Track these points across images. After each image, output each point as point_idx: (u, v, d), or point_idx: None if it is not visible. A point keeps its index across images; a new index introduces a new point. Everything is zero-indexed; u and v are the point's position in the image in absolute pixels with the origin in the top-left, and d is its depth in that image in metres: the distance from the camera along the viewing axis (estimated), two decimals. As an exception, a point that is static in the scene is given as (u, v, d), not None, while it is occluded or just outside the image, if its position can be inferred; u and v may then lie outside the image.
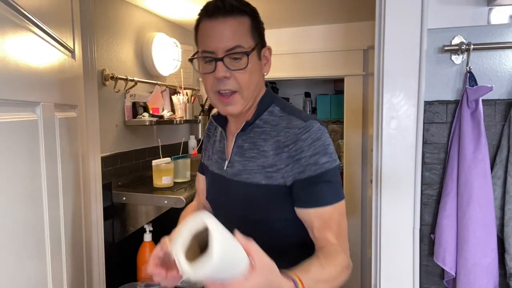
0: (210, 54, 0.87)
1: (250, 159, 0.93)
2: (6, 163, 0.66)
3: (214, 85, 0.89)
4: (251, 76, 0.89)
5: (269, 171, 0.90)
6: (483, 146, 1.19)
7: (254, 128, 0.95)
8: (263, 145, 0.92)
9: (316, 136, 0.87)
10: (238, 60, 0.87)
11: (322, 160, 0.86)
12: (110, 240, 1.84)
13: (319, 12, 2.32)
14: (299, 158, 0.87)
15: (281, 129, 0.91)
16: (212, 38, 0.86)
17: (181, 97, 2.40)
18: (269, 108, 0.96)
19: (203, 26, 0.89)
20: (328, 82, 3.92)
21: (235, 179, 0.95)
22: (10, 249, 0.68)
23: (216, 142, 1.07)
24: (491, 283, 1.19)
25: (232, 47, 0.86)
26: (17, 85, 0.71)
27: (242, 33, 0.87)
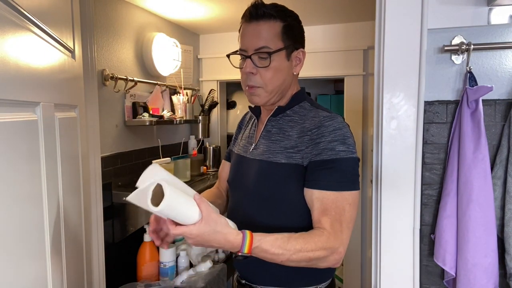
0: (243, 52, 1.02)
1: (275, 142, 1.04)
2: (6, 163, 0.66)
3: (244, 79, 1.04)
4: (275, 73, 1.01)
5: (290, 152, 0.99)
6: (483, 146, 1.19)
7: (284, 116, 1.07)
8: (289, 131, 1.03)
9: (338, 126, 0.95)
10: (264, 59, 0.99)
11: (339, 147, 0.93)
12: (110, 240, 1.84)
13: (319, 12, 2.32)
14: (319, 141, 0.94)
15: (308, 118, 1.01)
16: (245, 38, 1.01)
17: (181, 97, 2.41)
18: (300, 103, 1.08)
19: (242, 28, 1.04)
20: (328, 82, 3.92)
21: (258, 159, 1.06)
22: (10, 249, 0.68)
23: (247, 130, 1.20)
24: (491, 283, 1.19)
25: (259, 47, 0.99)
26: (17, 85, 0.71)
27: (270, 35, 0.99)
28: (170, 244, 1.01)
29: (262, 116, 1.15)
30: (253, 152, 1.09)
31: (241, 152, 1.16)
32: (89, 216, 1.41)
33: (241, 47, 1.02)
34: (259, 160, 1.04)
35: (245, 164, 1.10)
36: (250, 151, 1.11)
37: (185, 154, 2.30)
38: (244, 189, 1.09)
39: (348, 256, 2.67)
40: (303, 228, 0.94)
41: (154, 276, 1.90)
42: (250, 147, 1.12)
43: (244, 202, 1.09)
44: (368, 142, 2.62)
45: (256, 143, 1.10)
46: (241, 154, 1.15)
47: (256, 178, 1.04)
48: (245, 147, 1.15)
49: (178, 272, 1.97)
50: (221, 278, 2.02)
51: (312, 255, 0.87)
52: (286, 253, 0.86)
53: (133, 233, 1.99)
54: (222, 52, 3.01)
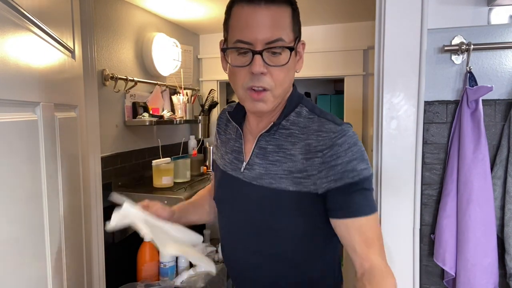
0: (247, 45, 0.77)
1: (275, 163, 0.84)
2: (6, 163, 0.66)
3: (246, 80, 0.80)
4: (287, 73, 0.82)
5: (297, 177, 0.82)
6: (483, 146, 1.19)
7: (279, 129, 0.86)
8: (290, 149, 0.84)
9: (353, 141, 0.80)
10: (277, 54, 0.78)
11: (360, 166, 0.78)
12: (110, 240, 1.84)
13: (319, 12, 2.32)
14: (335, 164, 0.78)
15: (311, 132, 0.82)
16: (251, 27, 0.76)
17: (181, 97, 2.41)
18: (296, 108, 0.88)
19: (239, 11, 0.78)
20: (328, 82, 3.93)
21: (255, 183, 0.86)
22: (10, 249, 0.68)
23: (231, 141, 0.97)
24: (491, 283, 1.19)
25: (273, 39, 0.76)
26: (17, 85, 0.71)
27: (284, 24, 0.78)
28: None
29: (248, 125, 0.93)
30: (246, 173, 0.88)
31: (228, 169, 0.94)
32: (89, 216, 1.41)
33: (243, 39, 0.77)
34: (259, 186, 0.85)
35: (239, 187, 0.90)
36: (241, 171, 0.90)
37: (185, 154, 2.30)
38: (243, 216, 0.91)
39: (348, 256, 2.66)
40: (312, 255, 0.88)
41: (154, 276, 1.90)
42: (240, 165, 0.91)
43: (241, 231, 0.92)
44: (368, 142, 2.62)
45: (248, 161, 0.89)
46: (230, 173, 0.93)
47: (257, 208, 0.87)
48: (233, 164, 0.93)
49: (178, 272, 1.97)
50: (221, 278, 2.02)
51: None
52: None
53: (133, 233, 1.99)
54: (222, 52, 3.02)
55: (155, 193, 1.88)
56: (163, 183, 1.98)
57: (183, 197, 1.79)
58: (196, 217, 1.13)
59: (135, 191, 1.91)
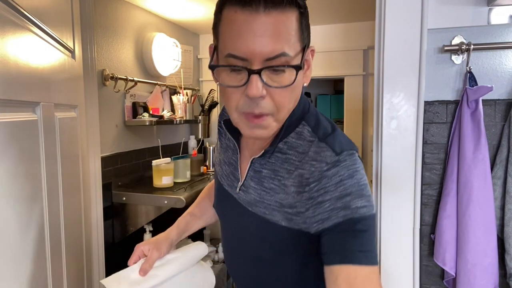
0: (241, 62, 0.61)
1: (269, 191, 0.73)
2: (6, 163, 0.66)
3: (242, 104, 0.64)
4: (292, 93, 0.65)
5: (288, 212, 0.70)
6: (483, 146, 1.19)
7: (276, 152, 0.73)
8: (285, 178, 0.71)
9: (348, 173, 0.65)
10: (280, 73, 0.62)
11: (355, 203, 0.63)
12: (110, 240, 1.84)
13: (319, 12, 2.32)
14: (322, 200, 0.65)
15: (307, 160, 0.69)
16: (246, 39, 0.59)
17: (181, 97, 2.41)
18: (297, 127, 0.73)
19: (231, 16, 0.61)
20: (328, 82, 3.93)
21: (250, 209, 0.77)
22: (10, 249, 0.68)
23: (229, 150, 0.86)
24: (491, 283, 1.19)
25: (275, 55, 0.60)
26: (17, 85, 0.71)
27: (289, 34, 0.61)
28: None
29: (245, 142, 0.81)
30: (241, 195, 0.79)
31: (225, 183, 0.85)
32: (89, 216, 1.41)
33: (235, 53, 0.61)
34: (253, 213, 0.76)
35: (233, 206, 0.82)
36: (237, 191, 0.80)
37: (185, 154, 2.30)
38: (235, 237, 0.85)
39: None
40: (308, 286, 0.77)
41: (154, 276, 1.90)
42: (236, 183, 0.81)
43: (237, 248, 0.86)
44: (368, 142, 2.63)
45: (243, 182, 0.78)
46: (226, 188, 0.85)
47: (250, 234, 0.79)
48: (229, 179, 0.84)
49: (178, 272, 1.96)
50: (221, 278, 2.02)
51: None
52: None
53: (133, 233, 1.99)
54: (222, 52, 3.02)
55: (155, 193, 1.88)
56: (163, 183, 1.98)
57: (183, 197, 1.79)
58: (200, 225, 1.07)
59: (135, 191, 1.91)
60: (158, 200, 1.85)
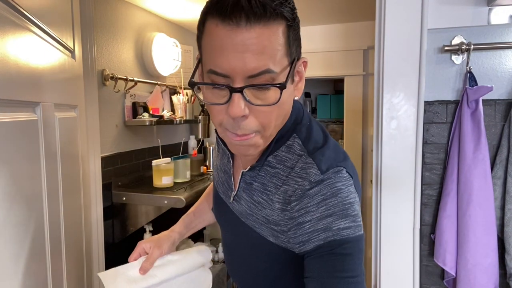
0: (223, 79, 0.57)
1: (257, 205, 0.72)
2: (6, 163, 0.66)
3: (225, 122, 0.61)
4: (279, 109, 0.61)
5: (274, 229, 0.69)
6: (483, 146, 1.19)
7: (265, 165, 0.71)
8: (273, 193, 0.69)
9: (331, 192, 0.61)
10: (265, 90, 0.57)
11: (337, 224, 0.60)
12: (110, 240, 1.84)
13: (319, 12, 2.32)
14: (303, 221, 0.62)
15: (292, 176, 0.67)
16: (227, 55, 0.55)
17: (181, 97, 2.41)
18: (288, 140, 0.70)
19: (213, 29, 0.56)
20: (328, 82, 3.93)
21: (242, 219, 0.77)
22: (10, 249, 0.68)
23: (225, 157, 0.84)
24: (491, 283, 1.19)
25: (258, 72, 0.55)
26: (17, 85, 0.71)
27: (274, 49, 0.56)
28: None
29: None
30: (235, 205, 0.79)
31: (220, 191, 0.86)
32: (89, 216, 1.41)
33: (217, 70, 0.57)
34: (245, 225, 0.76)
35: (228, 214, 0.82)
36: (231, 201, 0.80)
37: (185, 154, 2.30)
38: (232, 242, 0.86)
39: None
40: None
41: (154, 276, 1.90)
42: (230, 192, 0.81)
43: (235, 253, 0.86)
44: (368, 142, 2.63)
45: (236, 193, 0.78)
46: (221, 196, 0.85)
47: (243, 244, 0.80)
48: (224, 187, 0.84)
49: (178, 272, 1.96)
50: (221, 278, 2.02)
51: None
52: None
53: (133, 233, 1.99)
54: (222, 52, 3.01)
55: (155, 193, 1.88)
56: (163, 183, 1.98)
57: (183, 197, 1.79)
58: (203, 224, 1.07)
59: (135, 191, 1.91)
60: (158, 200, 1.85)
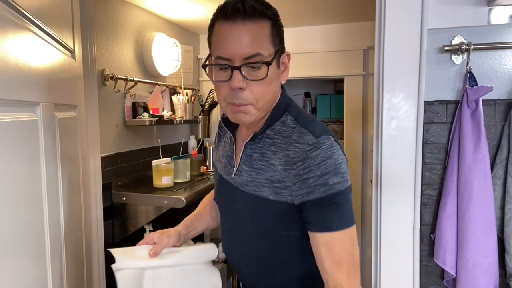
0: (226, 61, 0.80)
1: (258, 171, 0.88)
2: (6, 163, 0.66)
3: (228, 95, 0.82)
4: (268, 86, 0.83)
5: (277, 187, 0.84)
6: (483, 146, 1.19)
7: (264, 138, 0.89)
8: (271, 158, 0.86)
9: (327, 154, 0.79)
10: (257, 69, 0.80)
11: (332, 180, 0.79)
12: (110, 240, 1.83)
13: (319, 12, 2.32)
14: (307, 178, 0.80)
15: (291, 142, 0.84)
16: (229, 44, 0.79)
17: (181, 97, 2.40)
18: (282, 117, 0.89)
19: (219, 28, 0.81)
20: (328, 82, 3.93)
21: (242, 189, 0.91)
22: (10, 249, 0.68)
23: (226, 145, 1.02)
24: (491, 283, 1.19)
25: (251, 54, 0.78)
26: (17, 85, 0.71)
27: (262, 39, 0.80)
28: None
29: (240, 131, 0.98)
30: (236, 179, 0.93)
31: (223, 173, 1.00)
32: (89, 216, 1.41)
33: (222, 55, 0.80)
34: (245, 193, 0.90)
35: (230, 190, 0.95)
36: (232, 176, 0.95)
37: (185, 154, 2.29)
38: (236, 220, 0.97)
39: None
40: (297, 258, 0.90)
41: (154, 276, 1.90)
42: (232, 170, 0.96)
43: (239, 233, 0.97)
44: (368, 142, 2.63)
45: (238, 167, 0.93)
46: (224, 177, 0.99)
47: (247, 215, 0.92)
48: (227, 168, 0.99)
49: (178, 272, 1.96)
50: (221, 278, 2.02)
51: None
52: None
53: (133, 233, 1.99)
54: (222, 52, 3.00)
55: (155, 193, 1.88)
56: (163, 183, 1.98)
57: (183, 197, 1.79)
58: (204, 226, 1.15)
59: (135, 191, 1.91)
60: (158, 200, 1.85)
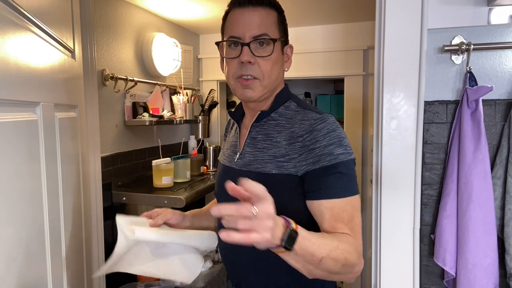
0: (237, 39, 0.91)
1: (262, 150, 0.94)
2: (6, 163, 0.66)
3: (237, 70, 0.92)
4: (273, 65, 0.93)
5: (280, 161, 0.89)
6: (483, 146, 1.19)
7: (269, 120, 0.97)
8: (276, 137, 0.93)
9: (332, 128, 0.87)
10: (264, 47, 0.91)
11: (337, 151, 0.85)
12: (110, 240, 1.83)
13: (319, 12, 2.32)
14: (313, 148, 0.85)
15: (295, 121, 0.91)
16: (240, 25, 0.91)
17: (181, 97, 2.41)
18: (285, 103, 0.98)
19: (232, 14, 0.94)
20: (328, 82, 3.93)
21: (245, 169, 0.95)
22: (10, 249, 0.68)
23: (231, 137, 1.10)
24: (491, 283, 1.19)
25: (259, 34, 0.90)
26: (17, 85, 0.71)
27: (269, 23, 0.92)
28: None
29: (245, 120, 1.05)
30: (239, 162, 0.98)
31: (226, 162, 1.05)
32: (89, 216, 1.41)
33: (234, 34, 0.91)
34: (247, 172, 0.93)
35: (231, 175, 0.94)
36: (235, 161, 0.99)
37: (185, 154, 2.29)
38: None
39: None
40: None
41: (154, 276, 1.90)
42: (235, 156, 1.01)
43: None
44: (368, 142, 2.62)
45: (241, 151, 0.99)
46: (227, 165, 1.03)
47: None
48: (230, 156, 1.04)
49: (178, 272, 1.96)
50: (221, 278, 2.02)
51: (348, 255, 0.77)
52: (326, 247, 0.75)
53: (133, 233, 1.99)
54: (222, 52, 2.99)
55: (155, 193, 1.88)
56: (163, 183, 1.98)
57: (183, 197, 1.79)
58: (207, 223, 1.15)
59: (135, 191, 1.91)
60: (158, 200, 1.85)
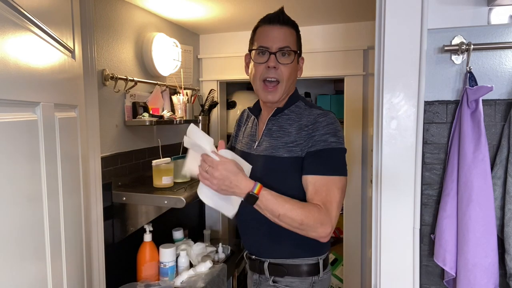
0: (266, 49, 1.19)
1: (276, 138, 1.21)
2: (6, 163, 0.66)
3: (263, 73, 1.19)
4: (291, 72, 1.21)
5: (290, 146, 1.16)
6: (483, 146, 1.19)
7: (282, 115, 1.25)
8: (288, 128, 1.21)
9: (331, 121, 1.14)
10: (286, 56, 1.20)
11: (330, 139, 1.11)
12: (110, 240, 1.83)
13: (319, 12, 2.32)
14: (314, 135, 1.13)
15: (303, 116, 1.20)
16: (269, 38, 1.19)
17: (181, 97, 2.40)
18: (296, 103, 1.26)
19: (262, 29, 1.22)
20: (328, 82, 3.92)
21: (262, 154, 1.23)
22: (9, 249, 0.68)
23: (248, 129, 1.37)
24: (491, 283, 1.19)
25: (283, 46, 1.19)
26: (17, 85, 0.71)
27: (291, 39, 1.21)
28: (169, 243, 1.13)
29: (262, 115, 1.33)
30: (257, 148, 1.26)
31: (245, 149, 1.32)
32: (89, 216, 1.41)
33: (263, 45, 1.19)
34: (264, 156, 1.21)
35: (250, 160, 1.19)
36: (254, 148, 1.27)
37: (185, 154, 2.29)
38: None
39: (348, 256, 2.67)
40: None
41: (154, 276, 1.90)
42: (253, 144, 1.29)
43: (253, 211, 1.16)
44: (368, 142, 2.62)
45: (259, 140, 1.27)
46: (246, 151, 1.30)
47: (262, 172, 1.18)
48: (248, 144, 1.32)
49: (178, 272, 1.97)
50: (221, 278, 2.02)
51: (305, 219, 1.04)
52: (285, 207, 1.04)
53: (133, 233, 1.99)
54: (222, 52, 2.99)
55: (155, 193, 1.87)
56: (163, 183, 1.98)
57: (183, 197, 1.79)
58: None
59: (135, 191, 1.91)
60: (158, 200, 1.84)
